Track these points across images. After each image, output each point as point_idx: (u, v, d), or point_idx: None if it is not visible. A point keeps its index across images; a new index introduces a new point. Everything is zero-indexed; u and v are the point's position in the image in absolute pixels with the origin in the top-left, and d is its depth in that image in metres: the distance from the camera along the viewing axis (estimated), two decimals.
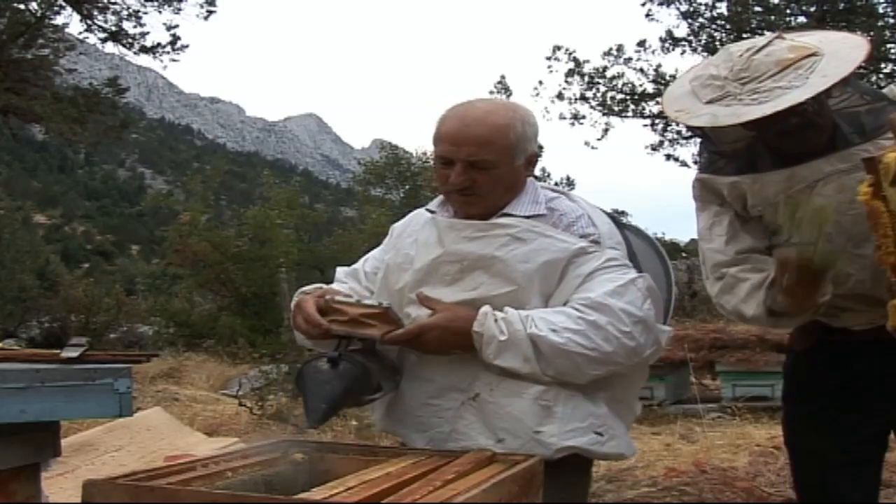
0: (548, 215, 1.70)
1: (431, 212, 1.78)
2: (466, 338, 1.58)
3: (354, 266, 1.90)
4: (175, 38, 18.43)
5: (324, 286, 1.82)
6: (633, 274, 1.66)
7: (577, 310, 1.59)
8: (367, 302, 1.65)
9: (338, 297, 1.66)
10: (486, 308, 1.59)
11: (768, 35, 1.80)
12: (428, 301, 1.63)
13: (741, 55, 1.73)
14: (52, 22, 17.35)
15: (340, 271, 1.91)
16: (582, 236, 1.67)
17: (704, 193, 1.89)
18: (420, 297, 1.64)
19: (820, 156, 1.72)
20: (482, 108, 1.69)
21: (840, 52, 1.72)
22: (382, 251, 1.87)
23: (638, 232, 1.92)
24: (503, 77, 44.89)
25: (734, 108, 1.68)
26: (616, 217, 1.85)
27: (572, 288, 1.63)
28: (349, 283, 1.85)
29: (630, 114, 21.93)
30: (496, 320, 1.57)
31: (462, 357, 1.60)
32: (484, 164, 1.63)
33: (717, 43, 20.97)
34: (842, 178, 1.70)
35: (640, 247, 1.82)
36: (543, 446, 1.54)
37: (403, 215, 1.92)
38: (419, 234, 1.77)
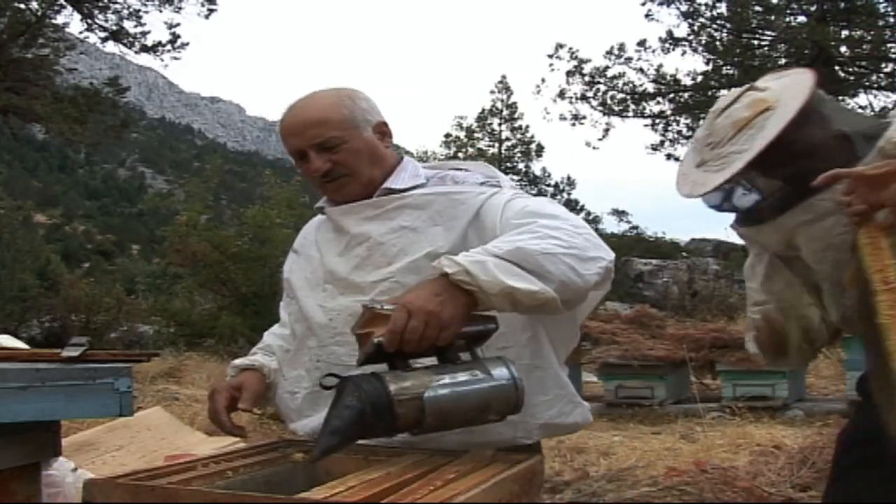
0: (430, 182, 1.68)
1: (321, 209, 1.77)
2: (449, 287, 1.34)
3: (282, 319, 1.84)
4: (175, 37, 18.46)
5: (254, 359, 1.76)
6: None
7: (521, 224, 1.48)
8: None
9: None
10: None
11: (742, 87, 1.76)
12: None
13: (711, 116, 1.74)
14: (53, 21, 17.38)
15: (269, 332, 1.85)
16: (480, 184, 1.66)
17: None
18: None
19: (780, 213, 1.66)
20: (307, 97, 1.70)
21: (787, 101, 1.67)
22: (286, 279, 1.81)
23: None
24: (504, 77, 44.94)
25: (704, 176, 1.68)
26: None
27: (495, 220, 1.55)
28: (283, 332, 1.80)
29: (630, 114, 21.95)
30: (458, 256, 1.38)
31: None
32: (331, 142, 1.62)
33: (718, 43, 20.98)
34: (809, 230, 1.64)
35: None
36: (510, 427, 1.49)
37: None
38: (317, 235, 1.76)
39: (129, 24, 18.07)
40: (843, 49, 20.14)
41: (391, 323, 1.32)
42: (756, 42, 21.11)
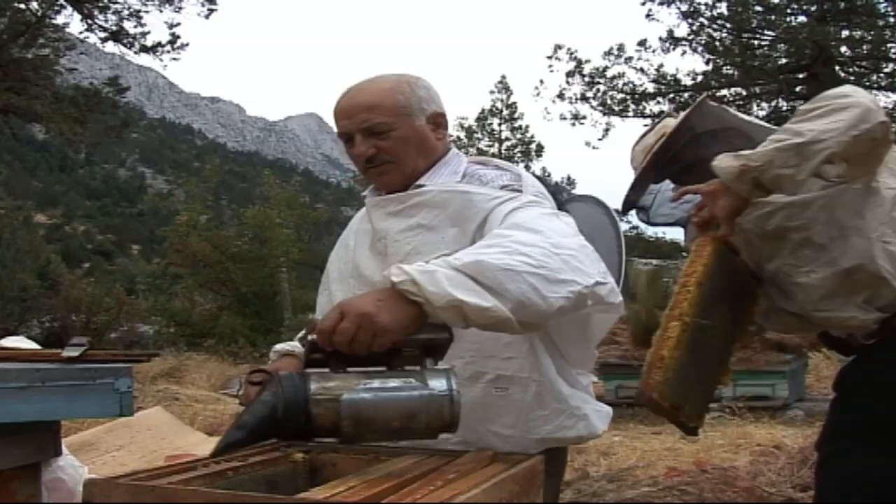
0: (465, 181, 1.65)
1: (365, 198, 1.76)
2: (395, 297, 1.27)
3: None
4: (175, 38, 18.46)
5: (294, 345, 1.71)
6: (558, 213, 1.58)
7: (500, 235, 1.41)
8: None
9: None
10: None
11: (662, 116, 2.10)
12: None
13: (633, 144, 2.11)
14: (53, 21, 17.38)
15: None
16: (502, 187, 1.61)
17: None
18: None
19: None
20: (367, 80, 1.68)
21: (671, 126, 2.01)
22: (326, 268, 1.80)
23: (586, 198, 1.97)
24: (503, 77, 44.93)
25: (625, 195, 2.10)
26: (557, 187, 1.83)
27: (493, 228, 1.50)
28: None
29: (630, 114, 21.93)
30: (417, 265, 1.31)
31: None
32: (379, 127, 1.59)
33: (718, 43, 20.97)
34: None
35: (583, 209, 1.82)
36: (507, 441, 1.47)
37: None
38: (359, 225, 1.76)
39: (129, 25, 18.09)
40: (843, 49, 20.14)
41: (322, 321, 1.27)
42: (756, 42, 21.11)
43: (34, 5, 17.00)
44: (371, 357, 1.27)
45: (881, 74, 20.35)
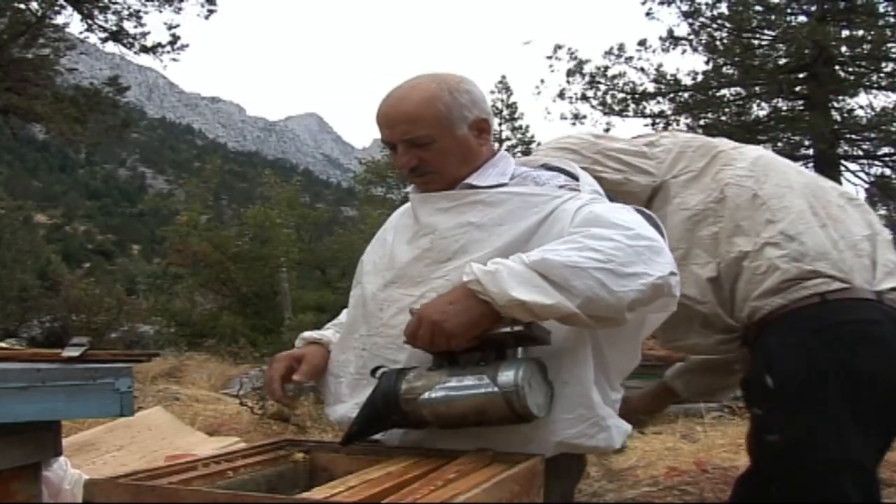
0: (514, 181, 1.64)
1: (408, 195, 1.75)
2: (467, 297, 1.37)
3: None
4: (175, 38, 18.44)
5: (323, 333, 1.79)
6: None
7: (572, 232, 1.44)
8: None
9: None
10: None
11: None
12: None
13: None
14: (53, 21, 17.36)
15: (345, 311, 1.84)
16: (559, 187, 1.61)
17: None
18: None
19: None
20: (407, 85, 1.65)
21: None
22: (361, 261, 1.80)
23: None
24: (504, 77, 44.90)
25: None
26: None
27: (564, 226, 1.50)
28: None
29: (631, 113, 21.91)
30: (483, 265, 1.40)
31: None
32: (421, 140, 1.59)
33: (718, 42, 20.98)
34: None
35: None
36: (525, 440, 1.45)
37: None
38: (399, 219, 1.75)
39: (129, 25, 18.07)
40: (843, 49, 20.13)
41: (406, 327, 1.42)
42: (756, 42, 21.09)
43: (34, 5, 17.00)
44: (463, 350, 1.41)
45: (881, 74, 20.34)
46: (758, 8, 20.58)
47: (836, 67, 20.31)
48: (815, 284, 1.90)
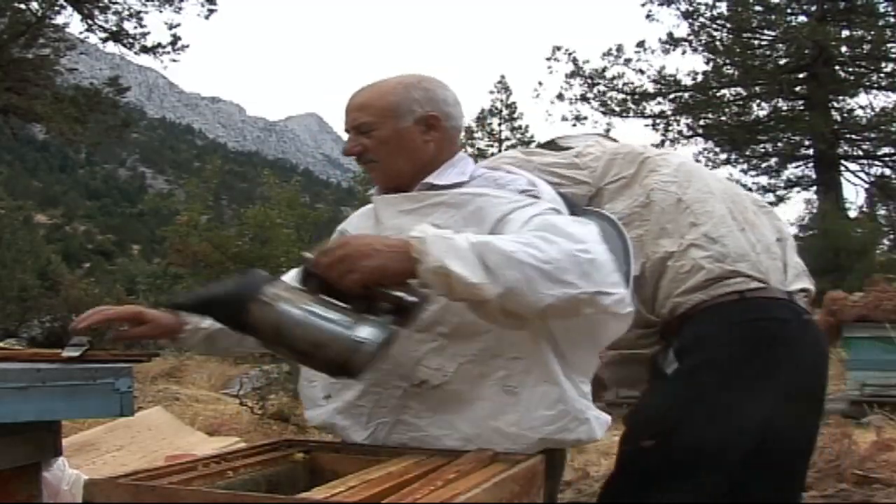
0: (475, 181, 1.66)
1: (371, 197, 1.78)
2: (400, 249, 1.35)
3: None
4: (176, 38, 18.49)
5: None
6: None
7: (530, 232, 1.43)
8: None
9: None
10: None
11: None
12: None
13: None
14: (53, 21, 17.41)
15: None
16: (521, 192, 1.62)
17: None
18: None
19: None
20: (375, 81, 1.70)
21: None
22: None
23: (590, 212, 1.96)
24: (503, 77, 44.97)
25: None
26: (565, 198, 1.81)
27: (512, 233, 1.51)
28: None
29: (631, 114, 21.94)
30: (434, 233, 1.38)
31: (405, 339, 1.47)
32: (364, 127, 1.63)
33: (718, 43, 20.99)
34: None
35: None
36: (508, 438, 1.47)
37: None
38: (361, 221, 1.76)
39: (129, 25, 18.11)
40: (843, 49, 20.14)
41: (327, 245, 1.40)
42: (756, 42, 21.11)
43: (34, 5, 17.02)
44: (345, 295, 1.35)
45: (881, 74, 20.35)
46: (758, 8, 20.61)
47: (836, 67, 20.33)
48: (736, 283, 2.04)
